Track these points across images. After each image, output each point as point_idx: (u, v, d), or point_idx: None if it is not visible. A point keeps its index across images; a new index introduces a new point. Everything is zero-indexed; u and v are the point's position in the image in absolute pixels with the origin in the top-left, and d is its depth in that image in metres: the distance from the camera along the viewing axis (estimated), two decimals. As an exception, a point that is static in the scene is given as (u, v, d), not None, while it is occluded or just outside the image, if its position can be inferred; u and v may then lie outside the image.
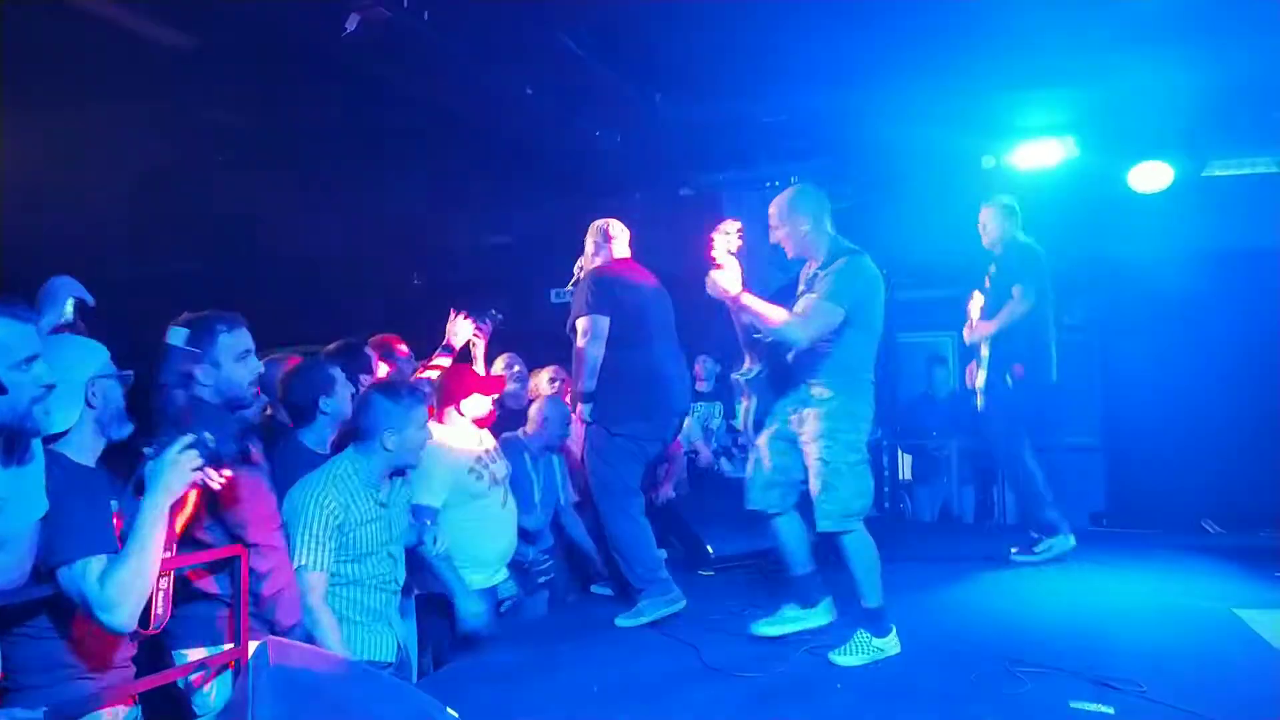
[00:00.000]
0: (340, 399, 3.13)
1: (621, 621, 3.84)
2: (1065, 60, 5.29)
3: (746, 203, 7.71)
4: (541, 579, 4.32)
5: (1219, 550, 4.97)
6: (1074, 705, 2.80)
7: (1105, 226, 5.75)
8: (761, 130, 6.68)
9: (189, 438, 2.14)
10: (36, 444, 2.06)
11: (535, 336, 5.24)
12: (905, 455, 7.62)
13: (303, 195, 7.34)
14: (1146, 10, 4.48)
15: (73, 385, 2.10)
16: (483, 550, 3.70)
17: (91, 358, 2.20)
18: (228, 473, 2.21)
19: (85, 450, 2.17)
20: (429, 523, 3.37)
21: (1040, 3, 4.55)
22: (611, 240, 4.26)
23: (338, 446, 3.11)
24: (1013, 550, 4.78)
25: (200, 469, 2.14)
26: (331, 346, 3.59)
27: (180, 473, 2.12)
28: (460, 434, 3.77)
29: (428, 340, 4.68)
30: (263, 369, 2.71)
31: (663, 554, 5.23)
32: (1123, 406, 5.40)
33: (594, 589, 4.55)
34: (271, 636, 2.09)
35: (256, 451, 2.63)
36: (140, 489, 2.15)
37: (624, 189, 7.47)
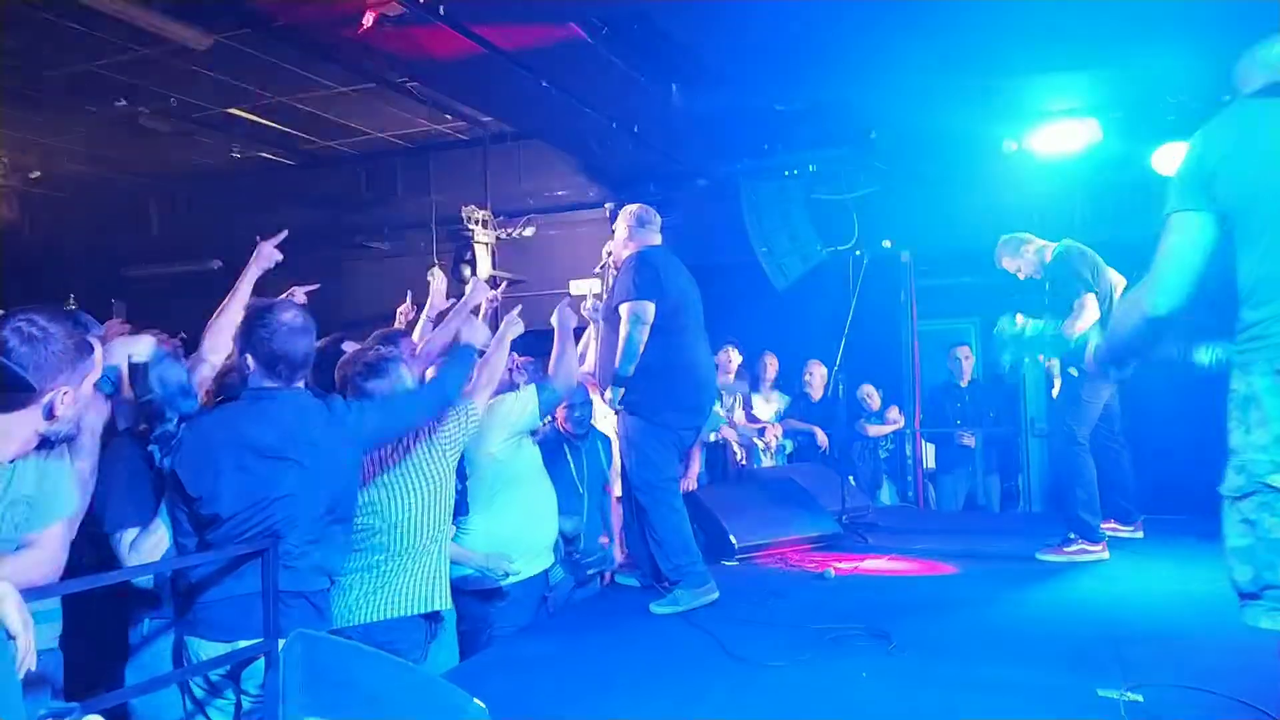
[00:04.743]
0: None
1: (657, 608, 3.85)
2: (1087, 43, 5.22)
3: (763, 193, 7.70)
4: (591, 570, 4.36)
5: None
6: (1102, 693, 2.78)
7: (1130, 210, 5.68)
8: (778, 120, 6.65)
9: None
10: (63, 447, 2.13)
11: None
12: (929, 445, 7.57)
13: (321, 191, 7.41)
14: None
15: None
16: (532, 537, 3.73)
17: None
18: None
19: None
20: None
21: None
22: (646, 226, 4.20)
23: None
24: (1038, 553, 4.69)
25: None
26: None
27: None
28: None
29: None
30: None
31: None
32: (1150, 390, 5.33)
33: (618, 579, 4.54)
34: (302, 630, 2.11)
35: None
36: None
37: (640, 180, 7.47)
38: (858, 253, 7.16)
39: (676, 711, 2.87)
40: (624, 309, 3.92)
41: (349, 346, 3.41)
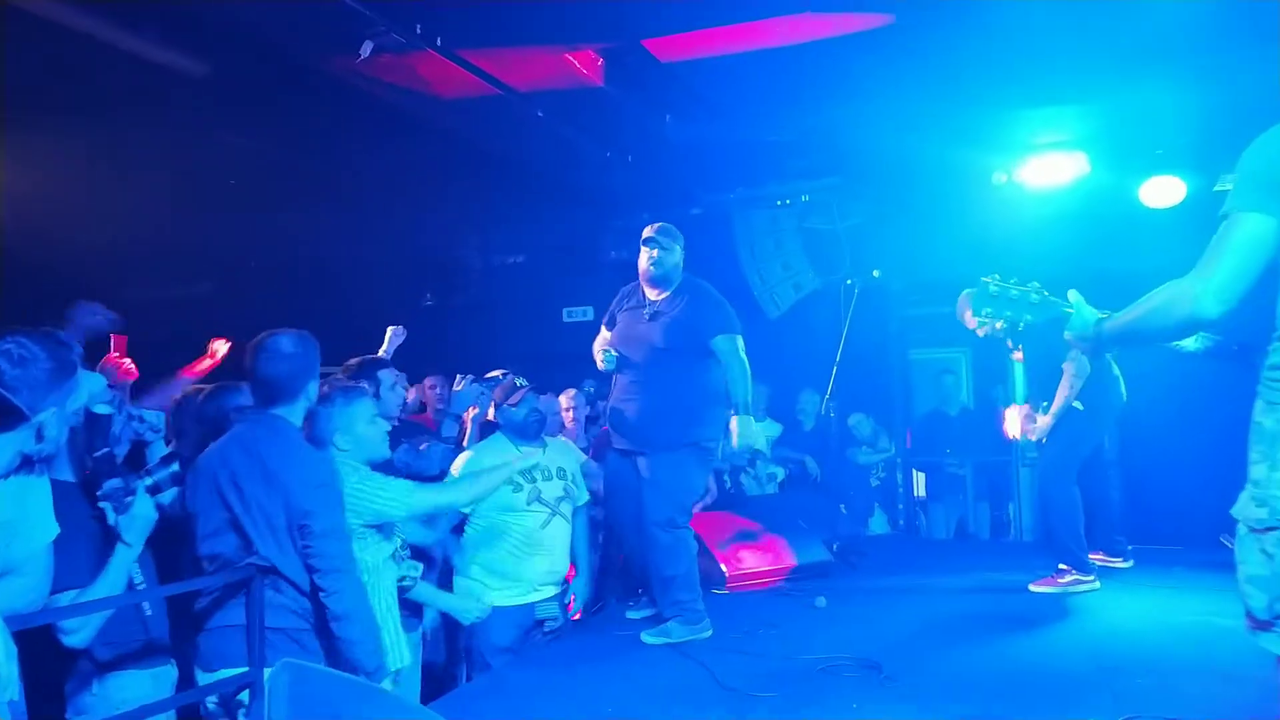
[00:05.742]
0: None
1: (648, 638, 3.83)
2: (1076, 76, 5.30)
3: (756, 221, 7.75)
4: (549, 626, 4.08)
5: (1230, 565, 4.89)
6: (1094, 725, 2.77)
7: (1118, 242, 5.74)
8: (771, 150, 6.71)
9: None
10: (44, 467, 2.11)
11: (549, 357, 5.25)
12: (919, 473, 7.58)
13: (313, 218, 7.42)
14: (1156, 26, 4.48)
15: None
16: (514, 567, 3.72)
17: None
18: None
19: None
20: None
21: (1050, 20, 4.56)
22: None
23: None
24: (1030, 585, 4.67)
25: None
26: (352, 362, 3.65)
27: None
28: (508, 445, 3.86)
29: (437, 361, 4.71)
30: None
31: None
32: (1139, 421, 5.35)
33: (629, 615, 4.33)
34: (289, 659, 2.09)
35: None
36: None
37: (634, 208, 7.52)
38: (849, 282, 7.21)
39: (666, 743, 2.84)
40: (738, 341, 3.96)
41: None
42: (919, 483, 7.57)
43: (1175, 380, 6.01)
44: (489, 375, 4.09)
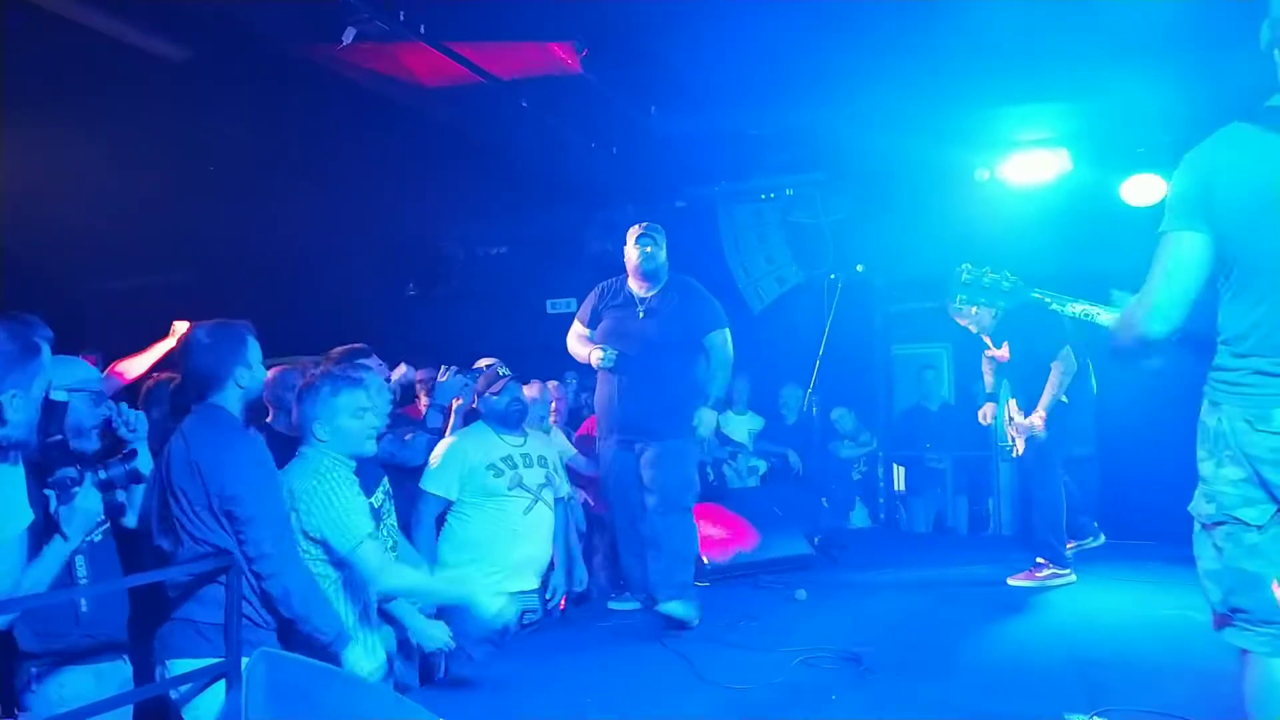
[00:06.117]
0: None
1: (674, 608, 3.93)
2: (1058, 74, 5.32)
3: (740, 215, 7.76)
4: (529, 618, 4.06)
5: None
6: (1068, 717, 2.79)
7: (1099, 240, 5.77)
8: (755, 144, 6.71)
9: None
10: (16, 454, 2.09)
11: (532, 348, 5.23)
12: (899, 467, 7.63)
13: (296, 206, 7.36)
14: (1137, 24, 4.50)
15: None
16: (496, 553, 3.70)
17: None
18: None
19: None
20: None
21: (1033, 18, 4.58)
22: None
23: None
24: (1008, 579, 4.69)
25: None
26: (336, 352, 3.63)
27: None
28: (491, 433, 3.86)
29: (420, 351, 4.68)
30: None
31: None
32: (1117, 417, 5.40)
33: (611, 605, 4.41)
34: (266, 648, 2.07)
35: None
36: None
37: (619, 201, 7.50)
38: (832, 276, 7.23)
39: (645, 734, 2.85)
40: (728, 336, 4.24)
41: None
42: (899, 477, 7.62)
43: (1151, 378, 6.07)
44: (477, 365, 4.08)
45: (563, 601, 4.36)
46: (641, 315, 4.19)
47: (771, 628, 3.96)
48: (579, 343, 4.38)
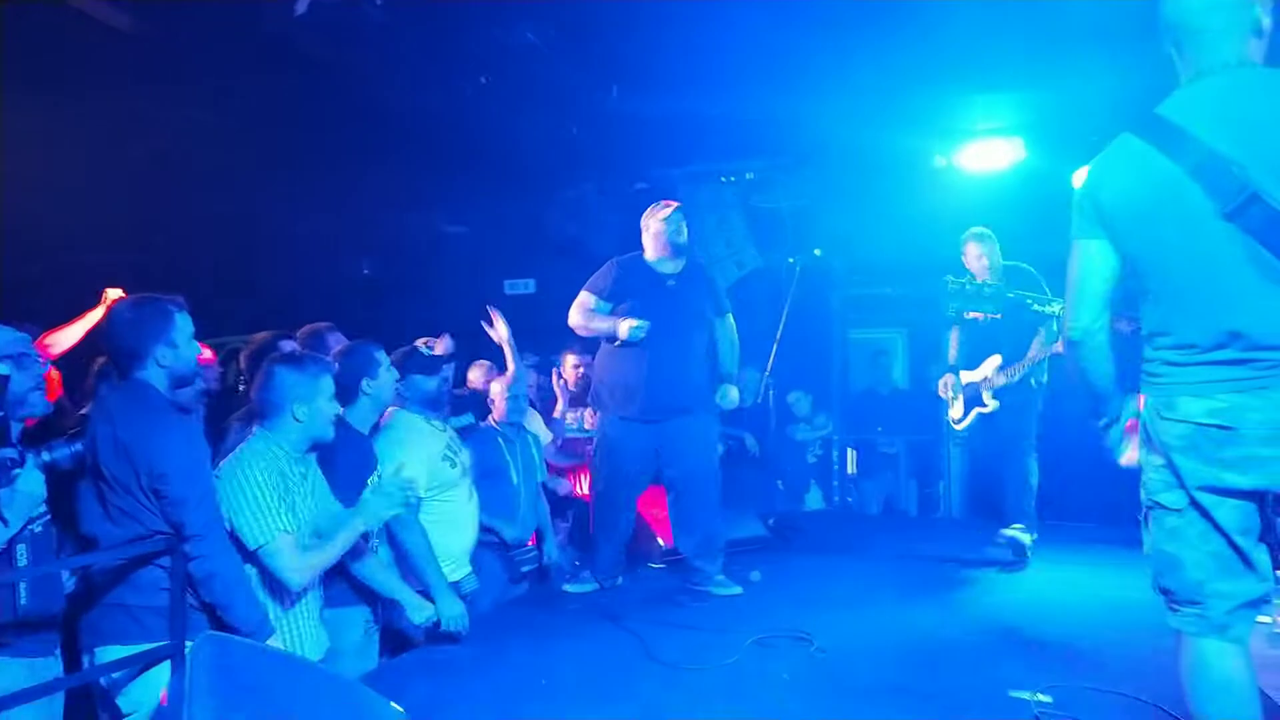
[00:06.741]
0: (384, 382, 3.23)
1: (720, 590, 4.20)
2: (1013, 64, 5.38)
3: (702, 197, 7.74)
4: (525, 568, 4.29)
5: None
6: (1013, 694, 2.85)
7: (1054, 226, 5.86)
8: (717, 125, 6.69)
9: None
10: None
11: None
12: (852, 450, 7.73)
13: (250, 185, 7.19)
14: (1088, 15, 4.58)
15: None
16: (450, 544, 3.61)
17: None
18: None
19: None
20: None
21: (988, 8, 4.62)
22: None
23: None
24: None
25: None
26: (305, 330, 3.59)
27: None
28: (423, 421, 3.68)
29: (372, 332, 4.60)
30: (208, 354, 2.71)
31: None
32: (1062, 399, 5.52)
33: (567, 588, 4.40)
34: (210, 631, 2.03)
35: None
36: None
37: (580, 181, 7.44)
38: (791, 260, 7.26)
39: (597, 715, 2.85)
40: (731, 318, 4.48)
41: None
42: (852, 460, 7.72)
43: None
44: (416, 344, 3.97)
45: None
46: (668, 292, 4.26)
47: (725, 609, 4.00)
48: (594, 317, 4.28)
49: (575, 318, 4.34)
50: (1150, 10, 2.10)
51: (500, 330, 4.47)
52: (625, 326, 4.15)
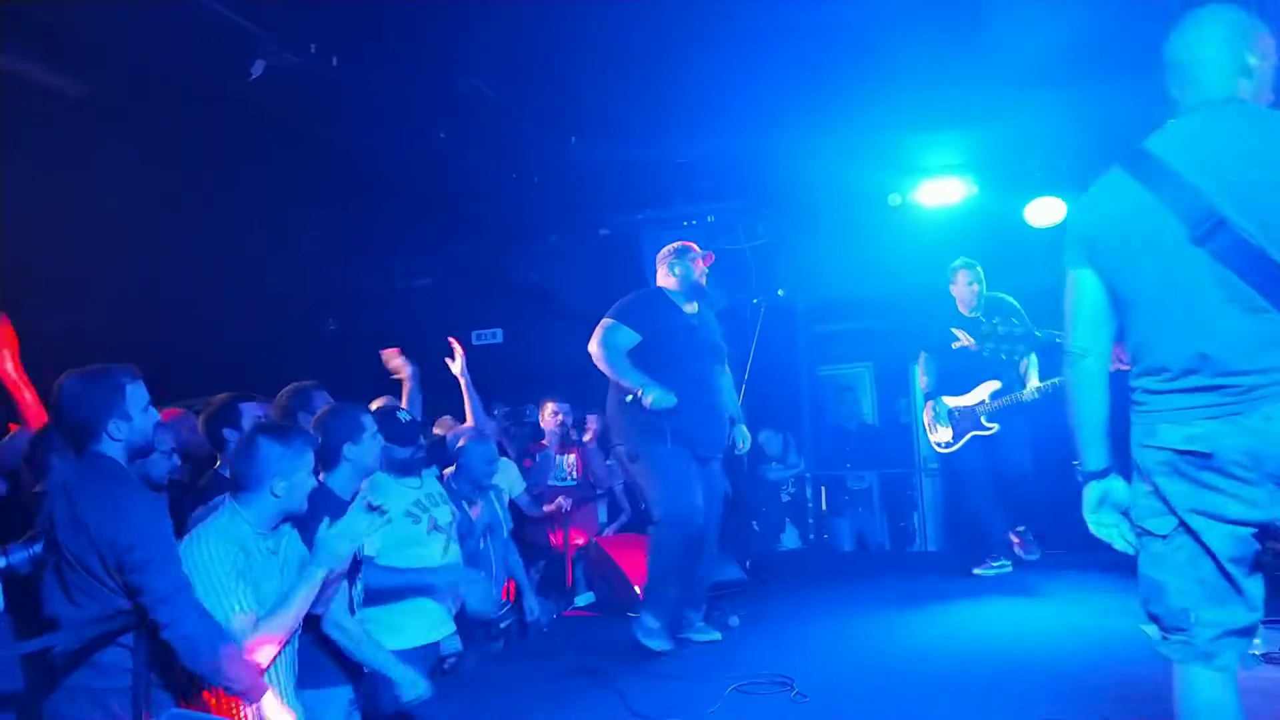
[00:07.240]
0: (366, 449, 3.07)
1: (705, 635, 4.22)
2: (961, 103, 5.54)
3: (664, 242, 7.78)
4: (503, 623, 4.20)
5: (1128, 566, 5.10)
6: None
7: (1005, 259, 6.00)
8: (677, 171, 6.79)
9: None
10: None
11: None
12: (824, 487, 7.75)
13: (205, 243, 7.14)
14: (1033, 56, 4.73)
15: None
16: (419, 602, 3.55)
17: None
18: None
19: None
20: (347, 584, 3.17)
21: (936, 50, 4.76)
22: None
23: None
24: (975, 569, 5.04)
25: None
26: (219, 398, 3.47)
27: None
28: (389, 480, 3.58)
29: (341, 387, 4.55)
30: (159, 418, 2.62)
31: (590, 596, 5.20)
32: (1059, 424, 5.60)
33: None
34: (174, 709, 1.97)
35: None
36: None
37: (542, 230, 7.48)
38: (755, 301, 7.32)
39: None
40: None
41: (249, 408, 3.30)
42: (823, 497, 7.74)
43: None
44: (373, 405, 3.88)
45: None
46: (697, 329, 4.32)
47: (704, 656, 3.96)
48: (622, 359, 4.12)
49: (599, 350, 4.16)
50: (1088, 51, 2.19)
51: (458, 364, 4.53)
52: (653, 396, 3.98)
